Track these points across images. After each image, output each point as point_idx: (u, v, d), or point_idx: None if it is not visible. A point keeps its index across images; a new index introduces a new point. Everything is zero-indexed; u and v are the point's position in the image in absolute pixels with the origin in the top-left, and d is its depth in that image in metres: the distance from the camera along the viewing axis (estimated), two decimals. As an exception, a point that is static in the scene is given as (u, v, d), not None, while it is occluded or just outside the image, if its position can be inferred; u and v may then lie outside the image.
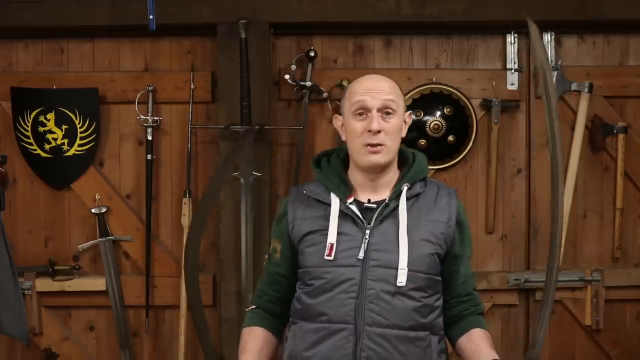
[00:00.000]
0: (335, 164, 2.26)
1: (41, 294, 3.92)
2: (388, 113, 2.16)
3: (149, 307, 3.91)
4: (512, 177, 3.98)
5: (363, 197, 2.19)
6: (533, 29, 2.06)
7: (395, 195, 2.17)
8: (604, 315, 3.93)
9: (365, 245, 2.12)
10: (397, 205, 2.15)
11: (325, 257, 2.12)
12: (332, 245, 2.12)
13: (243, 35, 3.68)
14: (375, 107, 2.14)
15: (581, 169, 3.92)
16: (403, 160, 2.26)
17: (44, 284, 3.91)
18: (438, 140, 3.90)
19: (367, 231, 2.13)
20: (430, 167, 3.91)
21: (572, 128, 3.91)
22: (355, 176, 2.22)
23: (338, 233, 2.14)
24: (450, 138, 3.90)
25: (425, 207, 2.19)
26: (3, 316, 2.92)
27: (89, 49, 3.97)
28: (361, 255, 2.11)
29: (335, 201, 2.17)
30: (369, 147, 2.14)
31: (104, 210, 3.91)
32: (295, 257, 2.23)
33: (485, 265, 3.99)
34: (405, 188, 2.17)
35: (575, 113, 3.90)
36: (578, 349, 4.00)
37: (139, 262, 3.94)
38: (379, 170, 2.18)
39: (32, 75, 3.95)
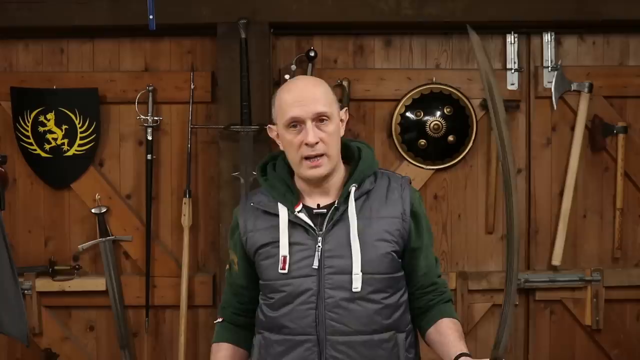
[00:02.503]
0: (281, 169, 2.17)
1: (41, 294, 3.92)
2: (322, 120, 2.06)
3: (149, 307, 3.90)
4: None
5: (312, 202, 2.12)
6: (473, 36, 1.98)
7: (344, 198, 2.10)
8: (604, 315, 3.93)
9: (319, 253, 2.06)
10: (347, 208, 2.09)
11: (280, 271, 2.07)
12: (285, 257, 2.07)
13: (243, 35, 3.68)
14: (308, 118, 2.05)
15: (581, 169, 3.92)
16: (349, 155, 2.18)
17: (44, 284, 3.91)
18: (438, 140, 3.90)
19: (320, 238, 2.07)
20: (430, 167, 3.93)
21: (572, 128, 3.91)
22: (300, 182, 2.14)
23: (290, 244, 2.07)
24: (450, 138, 3.90)
25: (377, 204, 2.11)
26: (3, 316, 2.91)
27: (89, 49, 3.97)
28: (316, 264, 2.05)
29: (283, 211, 2.10)
30: (308, 161, 2.06)
31: (104, 210, 3.91)
32: (254, 269, 2.18)
33: (485, 265, 3.99)
34: (353, 189, 2.11)
35: (575, 113, 3.90)
36: (578, 349, 4.00)
37: (139, 262, 3.94)
38: (323, 180, 2.11)
39: (32, 75, 3.94)
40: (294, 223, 2.09)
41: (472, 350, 4.07)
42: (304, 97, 2.07)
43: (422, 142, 3.91)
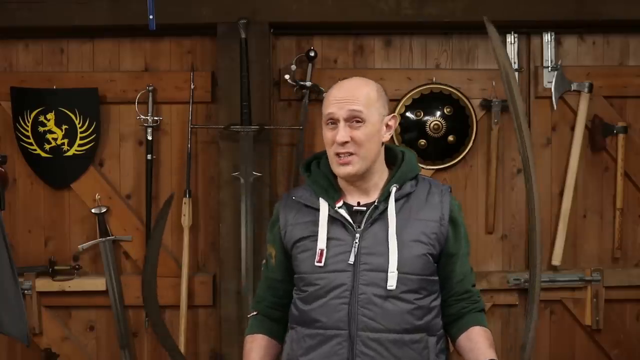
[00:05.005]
0: (325, 167, 2.22)
1: (41, 294, 3.92)
2: (357, 121, 2.11)
3: (149, 307, 3.91)
4: (512, 177, 3.98)
5: (352, 200, 2.17)
6: (492, 31, 2.02)
7: (385, 197, 2.14)
8: (604, 315, 3.93)
9: (356, 249, 2.10)
10: (387, 207, 2.13)
11: (316, 264, 2.11)
12: (322, 251, 2.11)
13: (243, 35, 3.68)
14: (341, 117, 2.11)
15: (581, 169, 3.92)
16: (392, 159, 2.23)
17: (44, 284, 3.91)
18: (438, 140, 3.90)
19: (357, 235, 2.11)
20: (430, 167, 3.93)
21: (572, 128, 3.91)
22: (342, 180, 2.20)
23: (328, 238, 2.12)
24: (450, 138, 3.90)
25: (416, 206, 2.15)
26: (3, 316, 2.91)
27: (89, 49, 3.97)
28: (352, 259, 2.09)
29: (323, 206, 2.15)
30: (338, 157, 2.12)
31: (104, 210, 3.91)
32: (291, 263, 2.22)
33: (485, 265, 3.99)
34: (394, 189, 2.14)
35: (575, 113, 3.90)
36: (578, 349, 4.00)
37: (139, 262, 3.94)
38: (356, 178, 2.15)
39: (32, 75, 3.95)
40: (333, 218, 2.14)
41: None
42: (342, 97, 2.14)
43: (422, 142, 3.91)
